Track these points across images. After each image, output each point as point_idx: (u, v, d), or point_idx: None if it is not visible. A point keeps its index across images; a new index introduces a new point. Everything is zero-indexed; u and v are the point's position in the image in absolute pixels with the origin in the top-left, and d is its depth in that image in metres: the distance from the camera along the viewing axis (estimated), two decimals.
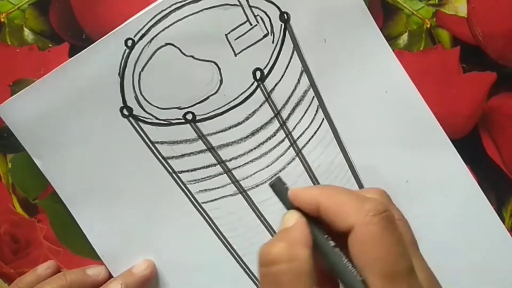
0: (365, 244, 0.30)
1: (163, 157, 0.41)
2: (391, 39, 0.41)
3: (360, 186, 0.42)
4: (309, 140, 0.42)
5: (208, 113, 0.41)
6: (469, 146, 0.42)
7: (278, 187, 0.33)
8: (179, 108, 0.40)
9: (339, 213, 0.30)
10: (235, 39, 0.39)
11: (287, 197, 0.32)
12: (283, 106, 0.41)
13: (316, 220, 0.31)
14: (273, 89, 0.41)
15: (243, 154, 0.41)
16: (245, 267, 0.43)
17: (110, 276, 0.43)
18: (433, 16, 0.42)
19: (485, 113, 0.43)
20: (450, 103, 0.42)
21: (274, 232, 0.42)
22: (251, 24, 0.39)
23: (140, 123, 0.41)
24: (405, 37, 0.42)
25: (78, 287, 0.42)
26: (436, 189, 0.42)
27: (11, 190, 0.43)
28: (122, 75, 0.40)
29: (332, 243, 0.31)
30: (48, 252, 0.44)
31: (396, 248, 0.30)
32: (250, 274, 0.43)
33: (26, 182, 0.43)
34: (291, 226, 0.31)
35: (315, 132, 0.42)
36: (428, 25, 0.42)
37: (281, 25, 0.40)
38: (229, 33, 0.39)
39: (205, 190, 0.42)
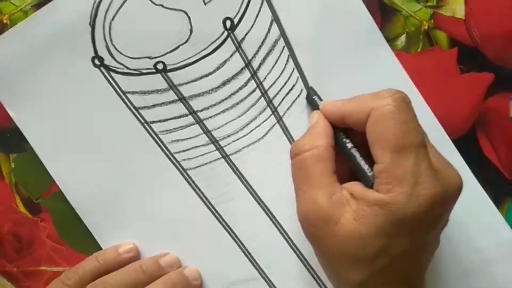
0: (379, 121, 0.34)
1: (135, 107, 0.42)
2: (389, 41, 0.42)
3: None
4: (280, 89, 0.42)
5: (178, 62, 0.41)
6: (466, 146, 0.43)
7: (311, 98, 0.41)
8: (149, 57, 0.41)
9: (360, 107, 0.35)
10: None
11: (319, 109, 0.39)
12: (254, 56, 0.41)
13: (343, 130, 0.37)
14: (243, 38, 0.41)
15: (215, 104, 0.42)
16: (218, 217, 0.43)
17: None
18: (431, 17, 0.42)
19: (482, 114, 0.43)
20: (448, 104, 0.43)
21: (246, 181, 0.43)
22: None
23: (112, 73, 0.41)
24: (402, 38, 0.42)
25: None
26: None
27: (14, 189, 0.44)
28: (93, 25, 0.40)
29: (350, 144, 0.36)
30: (51, 251, 0.44)
31: (408, 124, 0.34)
32: (223, 223, 0.43)
33: (29, 182, 0.43)
34: (314, 123, 0.38)
35: (286, 82, 0.42)
36: (426, 27, 0.42)
37: None
38: None
39: (177, 140, 0.42)
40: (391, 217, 0.33)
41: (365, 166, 0.35)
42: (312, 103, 0.40)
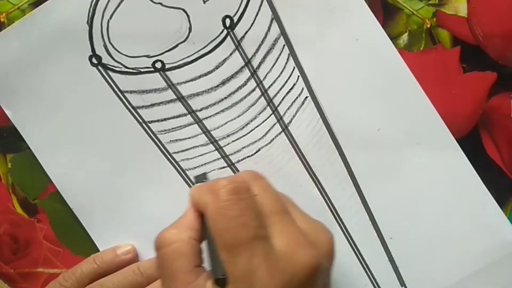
0: (210, 218, 0.33)
1: (133, 107, 0.41)
2: (391, 39, 0.42)
3: (333, 137, 0.42)
4: (280, 89, 0.41)
5: (177, 61, 0.40)
6: (469, 146, 0.43)
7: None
8: (148, 56, 0.40)
9: (200, 199, 0.34)
10: None
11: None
12: (254, 55, 0.41)
13: None
14: (243, 37, 0.40)
15: (214, 104, 0.41)
16: None
17: None
18: (433, 16, 0.42)
19: (485, 113, 0.43)
20: (450, 103, 0.42)
21: None
22: None
23: (109, 72, 0.41)
24: (405, 37, 0.42)
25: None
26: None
27: (11, 190, 0.43)
28: (90, 23, 0.40)
29: (210, 235, 0.33)
30: (48, 252, 0.44)
31: (238, 219, 0.32)
32: None
33: (26, 182, 0.43)
34: (182, 214, 0.36)
35: (286, 81, 0.41)
36: (428, 25, 0.42)
37: None
38: None
39: (176, 140, 0.42)
40: None
41: (211, 259, 0.34)
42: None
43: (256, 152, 0.42)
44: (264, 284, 0.31)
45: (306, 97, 0.42)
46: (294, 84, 0.41)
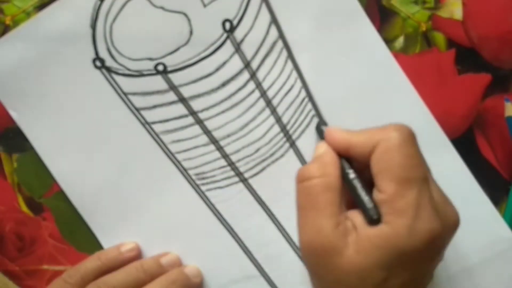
0: (386, 153, 0.34)
1: (136, 108, 0.42)
2: (387, 42, 0.42)
3: None
4: (279, 90, 0.42)
5: (179, 64, 0.41)
6: (463, 146, 0.43)
7: (319, 127, 0.41)
8: (150, 59, 0.41)
9: (367, 139, 0.35)
10: None
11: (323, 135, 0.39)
12: (253, 57, 0.42)
13: (346, 159, 0.37)
14: (242, 40, 0.41)
15: (215, 105, 0.42)
16: (218, 215, 0.44)
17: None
18: (429, 19, 0.43)
19: (479, 114, 0.44)
20: (445, 104, 0.43)
21: (246, 180, 0.43)
22: None
23: (113, 75, 0.41)
24: (401, 40, 0.43)
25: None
26: None
27: (17, 189, 0.44)
28: (93, 27, 0.41)
29: (353, 175, 0.36)
30: (53, 250, 0.44)
31: (413, 158, 0.35)
32: (223, 222, 0.44)
33: (32, 181, 0.44)
34: (322, 152, 0.37)
35: (284, 83, 0.42)
36: (424, 28, 0.43)
37: None
38: None
39: (178, 140, 0.43)
40: (392, 251, 0.33)
41: (366, 198, 0.35)
42: (320, 132, 0.41)
43: (256, 151, 0.43)
44: (426, 221, 0.33)
45: (304, 98, 0.43)
46: (292, 86, 0.42)
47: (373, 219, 0.34)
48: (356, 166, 0.37)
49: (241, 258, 0.44)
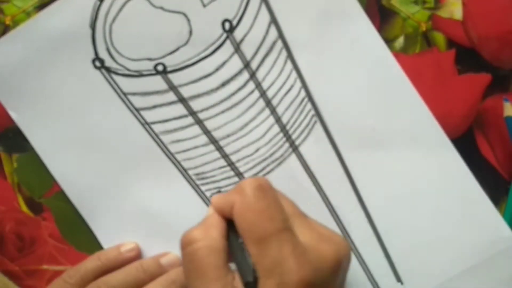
0: (239, 215, 0.34)
1: (136, 108, 0.42)
2: (387, 42, 0.42)
3: (329, 136, 0.43)
4: (279, 90, 0.42)
5: (178, 64, 0.41)
6: (463, 146, 0.43)
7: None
8: (150, 59, 0.41)
9: (227, 202, 0.35)
10: None
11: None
12: (253, 57, 0.42)
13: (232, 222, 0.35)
14: (242, 40, 0.41)
15: (214, 105, 0.42)
16: None
17: None
18: (429, 19, 0.43)
19: (479, 114, 0.44)
20: (446, 104, 0.43)
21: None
22: None
23: (112, 75, 0.41)
24: (401, 40, 0.43)
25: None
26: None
27: (17, 189, 0.44)
28: (93, 27, 0.41)
29: (234, 237, 0.35)
30: (53, 250, 0.44)
31: (264, 213, 0.34)
32: None
33: (32, 181, 0.44)
34: (207, 216, 0.37)
35: (284, 83, 0.42)
36: (424, 28, 0.43)
37: None
38: None
39: (178, 140, 0.43)
40: None
41: (244, 262, 0.34)
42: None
43: (255, 151, 0.43)
44: (294, 273, 0.32)
45: (304, 98, 0.43)
46: (292, 86, 0.42)
47: (248, 282, 0.33)
48: None
49: None
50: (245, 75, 0.42)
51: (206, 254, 0.34)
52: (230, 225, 0.36)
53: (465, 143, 0.44)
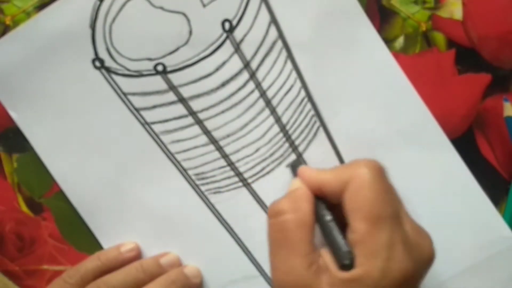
0: (356, 191, 0.34)
1: (135, 108, 0.42)
2: (387, 42, 0.42)
3: (329, 136, 0.43)
4: (279, 90, 0.42)
5: (178, 64, 0.41)
6: (463, 146, 0.43)
7: (294, 167, 0.40)
8: (149, 59, 0.41)
9: (338, 176, 0.35)
10: None
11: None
12: (252, 57, 0.42)
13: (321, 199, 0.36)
14: (242, 40, 0.41)
15: (214, 105, 0.42)
16: (217, 215, 0.44)
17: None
18: (429, 19, 0.43)
19: (479, 114, 0.44)
20: (445, 104, 0.43)
21: (245, 179, 0.43)
22: None
23: (112, 75, 0.41)
24: (401, 40, 0.43)
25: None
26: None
27: (17, 189, 0.44)
28: (93, 27, 0.41)
29: (329, 216, 0.35)
30: (53, 250, 0.44)
31: (384, 195, 0.34)
32: (223, 222, 0.44)
33: (32, 181, 0.44)
34: (295, 188, 0.36)
35: (284, 83, 0.42)
36: (424, 28, 0.43)
37: None
38: None
39: (178, 140, 0.43)
40: None
41: (340, 242, 0.34)
42: (293, 169, 0.41)
43: (255, 151, 0.43)
44: (400, 261, 0.33)
45: (303, 98, 0.43)
46: (292, 86, 0.42)
47: (345, 264, 0.33)
48: (329, 204, 0.36)
49: (241, 258, 0.44)
50: (245, 75, 0.42)
51: (296, 227, 0.34)
52: (318, 200, 0.36)
53: (465, 143, 0.44)
